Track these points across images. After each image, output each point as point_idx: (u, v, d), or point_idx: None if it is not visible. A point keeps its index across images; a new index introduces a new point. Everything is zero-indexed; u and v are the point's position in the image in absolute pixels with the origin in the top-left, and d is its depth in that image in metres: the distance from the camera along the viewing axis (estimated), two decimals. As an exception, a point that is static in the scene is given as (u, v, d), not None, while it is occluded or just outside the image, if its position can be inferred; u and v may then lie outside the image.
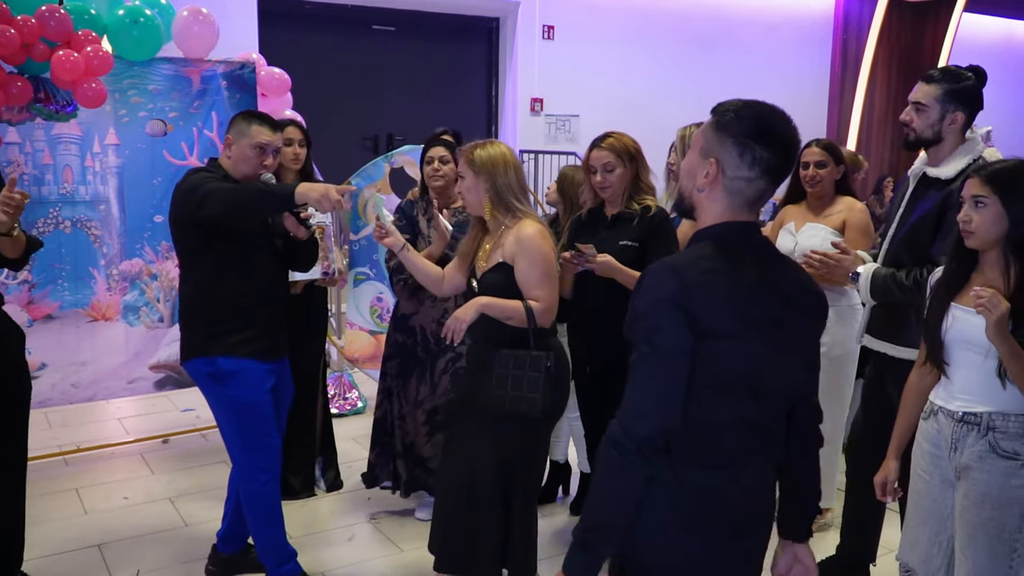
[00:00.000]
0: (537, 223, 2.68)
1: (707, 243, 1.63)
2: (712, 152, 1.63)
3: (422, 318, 3.57)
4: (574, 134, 8.64)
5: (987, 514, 2.14)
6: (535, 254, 2.62)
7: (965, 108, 2.72)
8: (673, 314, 1.54)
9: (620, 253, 3.05)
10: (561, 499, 4.01)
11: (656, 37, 8.88)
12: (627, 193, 3.15)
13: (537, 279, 2.63)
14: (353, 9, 7.70)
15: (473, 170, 2.66)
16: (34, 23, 3.64)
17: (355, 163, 5.86)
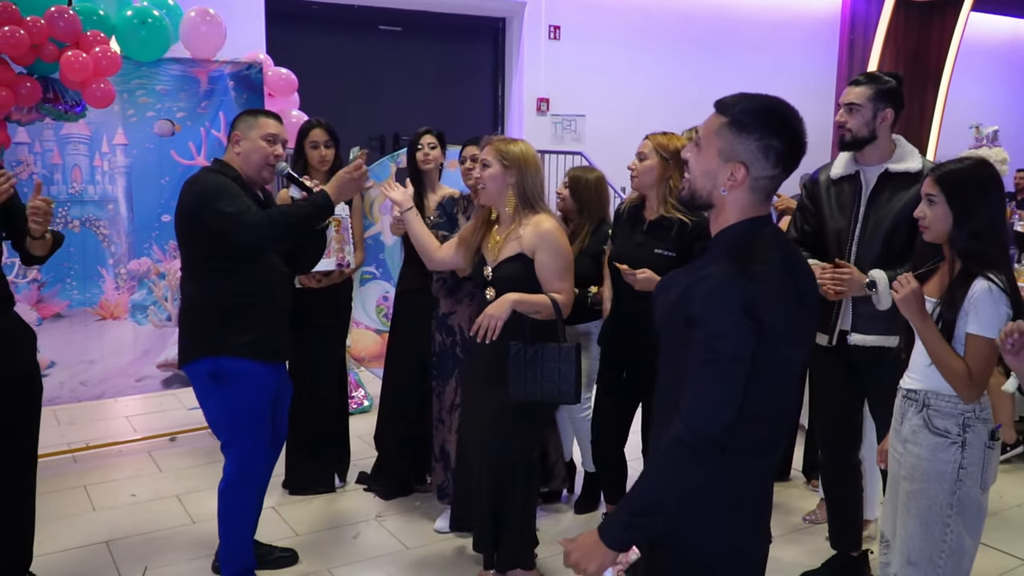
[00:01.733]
0: (554, 219, 2.82)
1: (751, 243, 1.67)
2: (735, 155, 1.66)
3: (460, 316, 3.52)
4: (580, 134, 8.65)
5: (918, 486, 2.31)
6: (557, 248, 2.78)
7: (893, 105, 2.89)
8: (739, 319, 1.58)
9: (655, 262, 3.06)
10: (566, 498, 4.02)
11: (662, 37, 8.88)
12: (662, 195, 3.13)
13: (559, 272, 2.79)
14: (359, 10, 7.72)
15: (503, 163, 2.79)
16: (43, 24, 3.67)
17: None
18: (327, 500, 3.99)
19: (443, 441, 3.61)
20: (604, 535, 1.69)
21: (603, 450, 3.46)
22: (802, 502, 3.99)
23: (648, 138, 3.20)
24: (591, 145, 8.31)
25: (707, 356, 1.60)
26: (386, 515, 3.82)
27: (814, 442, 4.02)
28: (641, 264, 3.07)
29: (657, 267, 3.04)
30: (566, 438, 3.99)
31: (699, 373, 1.61)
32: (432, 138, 3.88)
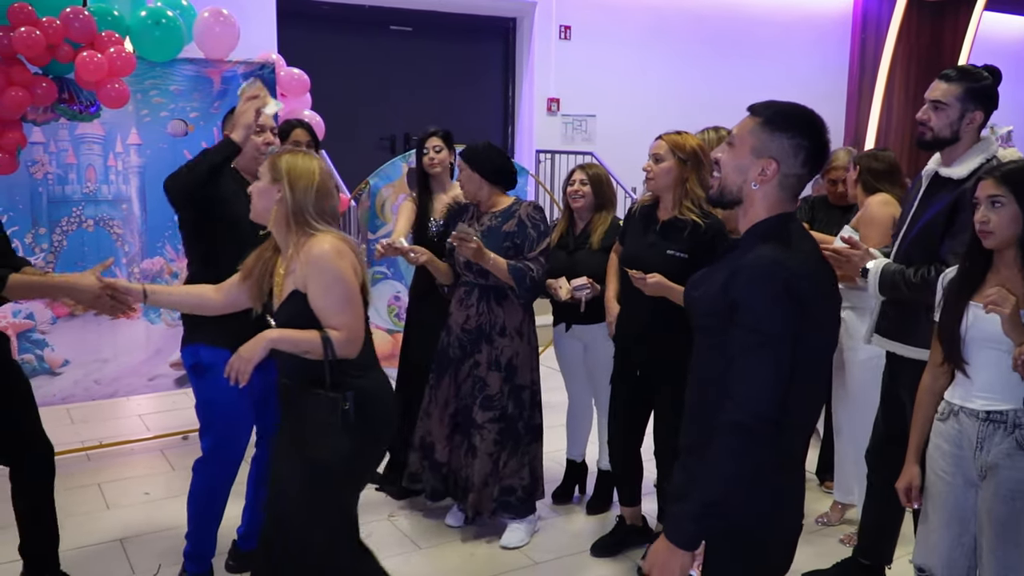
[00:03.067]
0: (334, 239, 2.32)
1: (785, 235, 1.77)
2: (767, 152, 1.77)
3: (454, 319, 3.55)
4: (590, 134, 8.65)
5: (1019, 507, 2.14)
6: (329, 275, 2.26)
7: (983, 107, 2.71)
8: (786, 303, 1.68)
9: (666, 263, 3.03)
10: (577, 499, 4.02)
11: (672, 37, 8.87)
12: (677, 196, 3.10)
13: (334, 305, 2.27)
14: (370, 10, 7.74)
15: (272, 175, 2.37)
16: (59, 24, 3.68)
17: (373, 163, 5.90)
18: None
19: (425, 432, 3.63)
20: (674, 537, 1.72)
21: (618, 449, 3.44)
22: (815, 504, 3.97)
23: (663, 139, 3.16)
24: (601, 145, 8.31)
25: (755, 339, 1.68)
26: (398, 515, 3.83)
27: (829, 444, 4.00)
28: (652, 265, 3.04)
29: (669, 268, 3.02)
30: (579, 437, 3.99)
31: (748, 355, 1.69)
32: (438, 140, 3.88)
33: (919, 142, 2.80)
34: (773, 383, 1.68)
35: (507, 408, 3.50)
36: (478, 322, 3.47)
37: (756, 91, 8.80)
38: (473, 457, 3.50)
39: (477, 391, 3.48)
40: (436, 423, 3.59)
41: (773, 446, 1.70)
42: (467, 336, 3.49)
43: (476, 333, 3.47)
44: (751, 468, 1.68)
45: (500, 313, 3.47)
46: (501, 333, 3.47)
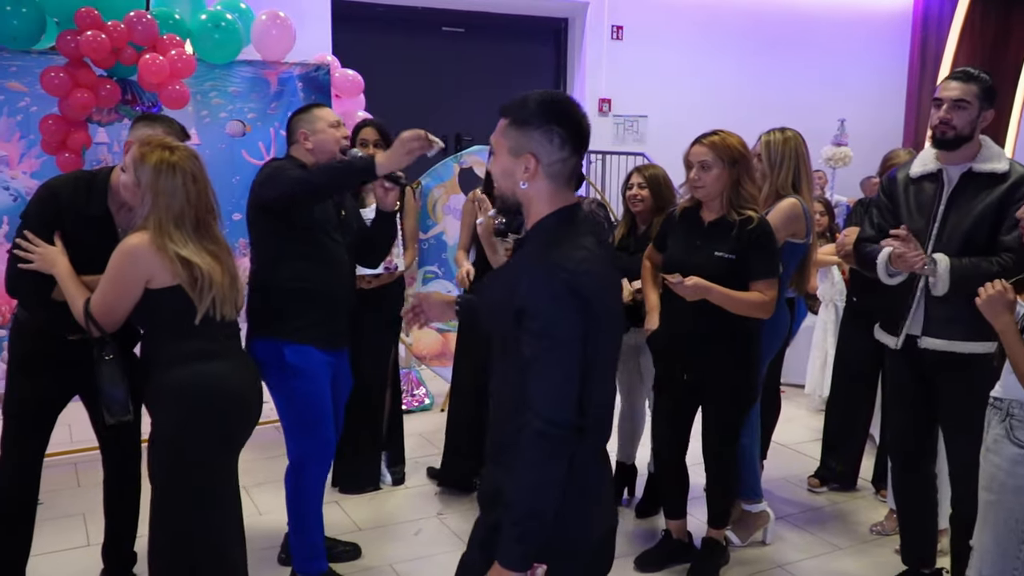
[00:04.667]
0: (140, 239, 2.40)
1: (566, 231, 1.75)
2: (524, 149, 1.75)
3: None
4: (642, 135, 8.60)
5: (995, 498, 2.26)
6: (113, 268, 2.41)
7: (992, 107, 2.83)
8: (569, 304, 1.65)
9: (714, 265, 2.99)
10: (626, 501, 4.01)
11: (727, 36, 8.77)
12: (726, 198, 3.04)
13: (103, 286, 2.44)
14: (423, 11, 7.79)
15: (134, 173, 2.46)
16: (123, 28, 3.78)
17: (425, 163, 5.94)
18: (389, 496, 4.04)
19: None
20: (503, 560, 1.67)
21: (662, 460, 3.38)
22: (870, 512, 3.91)
23: (703, 144, 3.06)
24: (653, 146, 8.25)
25: (544, 344, 1.65)
26: (447, 513, 3.85)
27: (884, 452, 3.93)
28: (700, 267, 3.00)
29: (717, 270, 2.98)
30: (630, 439, 3.97)
31: (539, 363, 1.65)
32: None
33: (940, 141, 2.83)
34: (567, 388, 1.65)
35: None
36: None
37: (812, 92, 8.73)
38: None
39: None
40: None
41: (576, 449, 1.67)
42: None
43: None
44: (556, 475, 1.65)
45: None
46: None
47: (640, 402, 3.91)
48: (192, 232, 2.43)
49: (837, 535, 3.71)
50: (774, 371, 3.97)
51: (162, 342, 2.48)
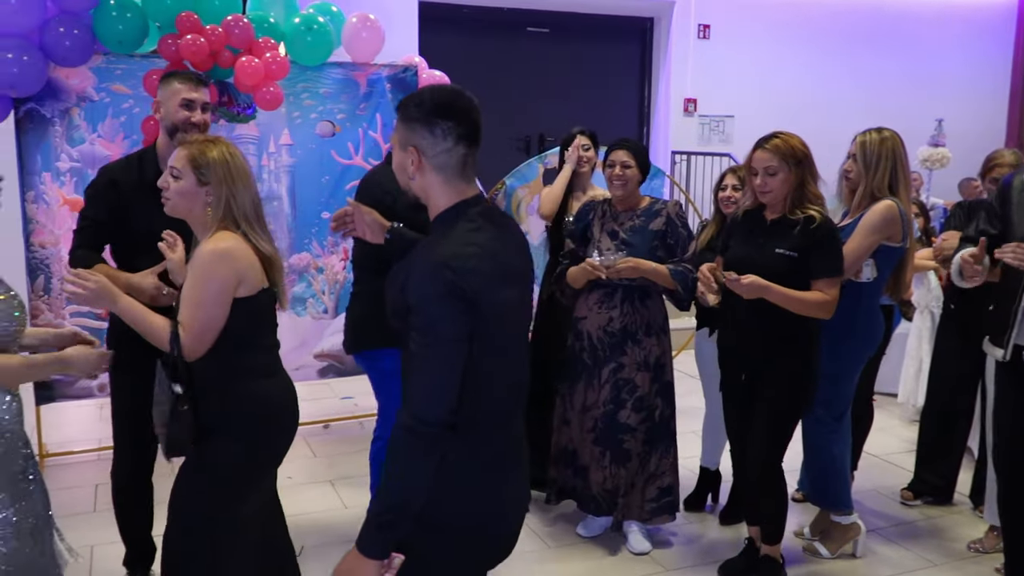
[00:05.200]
0: (231, 237, 2.24)
1: (459, 227, 1.75)
2: (408, 142, 1.77)
3: (589, 323, 3.48)
4: (728, 135, 8.47)
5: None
6: (201, 274, 2.20)
7: None
8: (452, 304, 1.65)
9: (776, 262, 2.95)
10: (710, 507, 3.95)
11: (817, 33, 8.57)
12: (790, 200, 3.01)
13: (192, 304, 2.19)
14: (508, 12, 7.83)
15: (196, 174, 2.26)
16: (221, 32, 3.90)
17: (508, 164, 5.97)
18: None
19: (567, 441, 3.59)
20: (361, 547, 1.69)
21: (739, 463, 3.31)
22: (967, 528, 3.76)
23: (766, 149, 2.99)
24: (740, 146, 8.07)
25: (424, 341, 1.66)
26: (528, 513, 3.84)
27: (983, 466, 3.77)
28: (761, 265, 2.95)
29: (778, 268, 2.94)
30: (715, 445, 3.91)
31: (418, 359, 1.67)
32: (586, 139, 3.95)
33: None
34: (441, 387, 1.66)
35: (657, 406, 3.47)
36: (623, 323, 3.42)
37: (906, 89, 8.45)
38: (626, 462, 3.45)
39: (626, 394, 3.43)
40: (577, 430, 3.55)
41: (460, 442, 1.69)
42: (609, 339, 3.44)
43: (621, 335, 3.43)
44: (422, 471, 1.66)
45: (645, 312, 3.45)
46: (647, 332, 3.44)
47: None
48: (259, 224, 2.32)
49: (932, 551, 3.58)
50: (867, 379, 3.86)
51: (228, 358, 2.26)
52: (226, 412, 2.26)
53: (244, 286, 2.22)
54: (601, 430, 3.46)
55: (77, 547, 2.45)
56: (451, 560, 1.79)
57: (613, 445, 3.45)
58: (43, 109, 4.03)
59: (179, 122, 2.88)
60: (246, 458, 2.29)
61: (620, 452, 3.44)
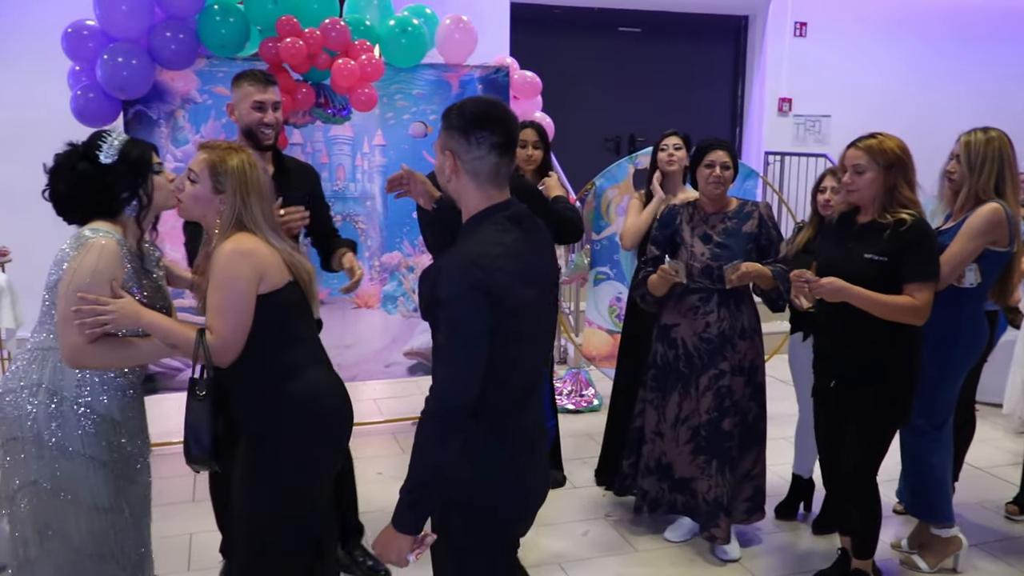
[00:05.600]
0: (246, 239, 2.21)
1: (487, 228, 1.90)
2: (447, 146, 1.93)
3: (683, 331, 3.42)
4: (824, 135, 8.25)
5: None
6: (221, 275, 2.16)
7: None
8: (478, 301, 1.79)
9: (865, 267, 2.87)
10: (802, 516, 3.85)
11: (921, 28, 8.27)
12: (880, 202, 2.92)
13: (217, 307, 2.17)
14: (600, 12, 7.80)
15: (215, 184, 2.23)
16: (319, 35, 3.99)
17: (598, 164, 5.95)
18: (557, 495, 4.06)
19: (660, 454, 3.52)
20: (395, 523, 1.87)
21: (829, 470, 3.23)
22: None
23: (858, 147, 2.92)
24: (836, 147, 7.83)
25: (450, 333, 1.82)
26: (615, 514, 3.83)
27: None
28: (850, 270, 2.88)
29: (867, 273, 2.85)
30: (808, 452, 3.81)
31: (444, 351, 1.83)
32: (678, 139, 3.90)
33: None
34: (464, 376, 1.81)
35: (750, 409, 3.42)
36: (720, 329, 3.36)
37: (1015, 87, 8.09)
38: (733, 468, 3.40)
39: (728, 401, 3.37)
40: (671, 443, 3.49)
41: (470, 429, 1.84)
42: (706, 345, 3.37)
43: (718, 341, 3.36)
44: (446, 452, 1.82)
45: (740, 316, 3.39)
46: (742, 336, 3.39)
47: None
48: (279, 237, 2.30)
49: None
50: (969, 388, 3.71)
51: (268, 355, 2.25)
52: (272, 411, 2.26)
53: (266, 282, 2.21)
54: (705, 438, 3.39)
55: (177, 535, 2.54)
56: (479, 536, 1.96)
57: (720, 454, 3.38)
58: (150, 111, 4.20)
59: (252, 124, 2.93)
60: (300, 454, 2.28)
61: (727, 459, 3.38)
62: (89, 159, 2.28)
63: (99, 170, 2.27)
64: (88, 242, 2.21)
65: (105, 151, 2.28)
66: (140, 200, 2.31)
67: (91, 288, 2.15)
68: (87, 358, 2.18)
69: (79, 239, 2.24)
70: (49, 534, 2.24)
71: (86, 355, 2.17)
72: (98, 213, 2.31)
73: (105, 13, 3.85)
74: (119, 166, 2.28)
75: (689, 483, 3.47)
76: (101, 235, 2.23)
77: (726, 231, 3.38)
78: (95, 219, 2.30)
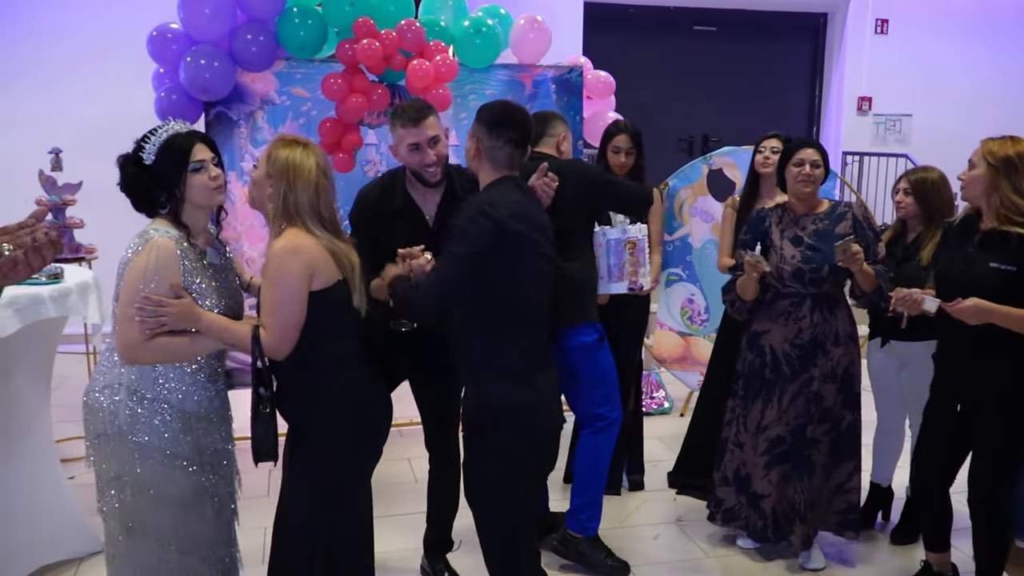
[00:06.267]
0: (300, 235, 2.28)
1: (497, 186, 2.49)
2: (475, 134, 2.52)
3: (773, 337, 3.31)
4: (905, 135, 8.03)
5: None
6: (274, 273, 2.25)
7: None
8: (479, 222, 2.38)
9: (989, 276, 2.73)
10: (880, 525, 3.75)
11: (1005, 27, 7.99)
12: (994, 205, 2.77)
13: (269, 304, 2.25)
14: (675, 11, 7.72)
15: (268, 168, 2.33)
16: (394, 36, 4.03)
17: (671, 164, 5.88)
18: (630, 498, 4.03)
19: (739, 464, 3.43)
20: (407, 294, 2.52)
21: (925, 490, 3.09)
22: None
23: (981, 144, 2.84)
24: (918, 147, 7.67)
25: (450, 248, 2.38)
26: (686, 520, 3.78)
27: None
28: (972, 280, 2.74)
29: (991, 283, 2.70)
30: (887, 460, 3.70)
31: (444, 258, 2.40)
32: (777, 142, 3.81)
33: None
34: (448, 280, 2.39)
35: (844, 417, 3.29)
36: (812, 334, 3.24)
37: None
38: (811, 475, 3.28)
39: (814, 407, 3.26)
40: (751, 453, 3.39)
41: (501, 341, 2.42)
42: (797, 352, 3.25)
43: (810, 346, 3.24)
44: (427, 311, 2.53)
45: (834, 321, 3.26)
46: (835, 342, 3.25)
47: (898, 420, 3.64)
48: (323, 228, 2.33)
49: None
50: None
51: (314, 349, 2.32)
52: (316, 408, 2.35)
53: (318, 279, 2.28)
54: (791, 444, 3.29)
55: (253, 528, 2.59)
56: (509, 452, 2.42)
57: (798, 461, 3.28)
58: (230, 112, 4.30)
59: (415, 166, 2.83)
60: (344, 450, 2.38)
61: (807, 465, 3.27)
62: (135, 161, 2.31)
63: (143, 171, 2.30)
64: (147, 243, 2.25)
65: (148, 152, 2.30)
66: (173, 199, 2.31)
67: (149, 288, 2.20)
68: (142, 353, 2.23)
69: (140, 239, 2.28)
70: (133, 528, 2.30)
71: (140, 351, 2.22)
72: (153, 210, 2.35)
73: (189, 16, 3.96)
74: (159, 166, 2.30)
75: (760, 500, 3.37)
76: (159, 234, 2.27)
77: (817, 233, 3.25)
78: (157, 216, 2.35)
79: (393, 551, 3.41)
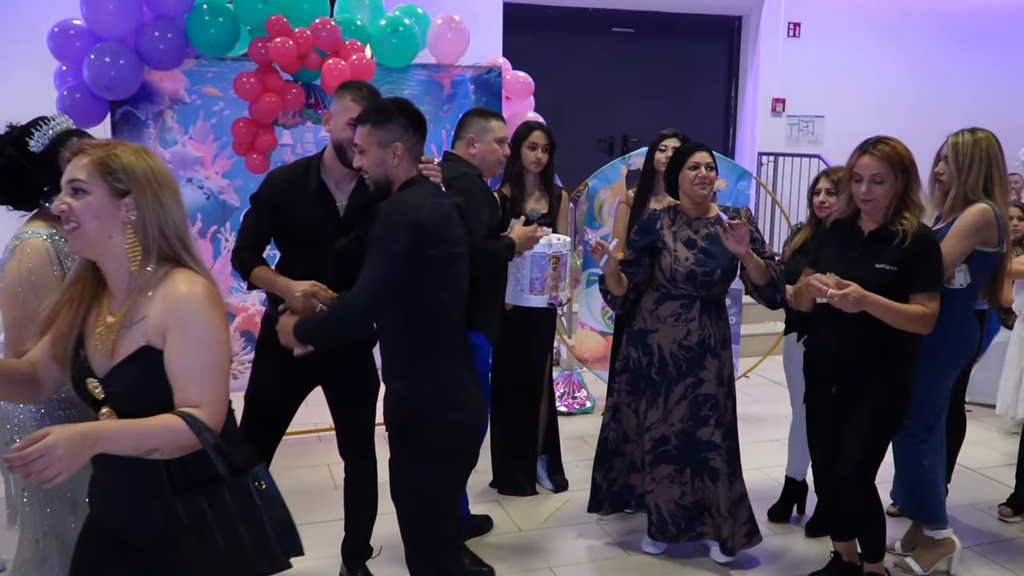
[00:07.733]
0: (189, 276, 1.71)
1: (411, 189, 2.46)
2: (391, 139, 2.44)
3: (662, 337, 3.32)
4: (818, 136, 8.25)
5: None
6: (199, 327, 1.68)
7: None
8: (401, 229, 2.33)
9: (875, 277, 2.82)
10: (795, 519, 3.84)
11: (916, 31, 8.28)
12: (891, 209, 2.86)
13: (202, 367, 1.67)
14: (593, 12, 7.77)
15: (108, 182, 1.67)
16: (309, 35, 3.96)
17: (591, 165, 5.92)
18: (549, 499, 4.05)
19: (631, 460, 3.53)
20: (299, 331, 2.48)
21: (823, 477, 3.17)
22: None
23: (874, 156, 2.84)
24: (830, 147, 7.88)
25: (375, 251, 2.35)
26: (606, 519, 3.80)
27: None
28: (859, 281, 2.77)
29: (878, 285, 2.78)
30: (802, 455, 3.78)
31: (368, 262, 2.36)
32: (677, 141, 3.86)
33: None
34: (376, 284, 2.34)
35: (733, 423, 3.37)
36: (700, 336, 3.29)
37: (1007, 87, 8.08)
38: (715, 479, 3.31)
39: (708, 410, 3.30)
40: (636, 448, 3.45)
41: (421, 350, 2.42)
42: (685, 353, 3.29)
43: (699, 348, 3.29)
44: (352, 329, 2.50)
45: (721, 324, 3.34)
46: (723, 345, 3.34)
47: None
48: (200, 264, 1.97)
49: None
50: (960, 388, 3.69)
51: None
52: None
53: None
54: (677, 447, 3.32)
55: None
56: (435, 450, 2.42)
57: (695, 463, 3.32)
58: (138, 112, 4.16)
59: (344, 141, 2.77)
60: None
61: (707, 469, 3.31)
62: (18, 146, 2.16)
63: (25, 158, 2.15)
64: (17, 247, 2.10)
65: (37, 138, 2.16)
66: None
67: (25, 294, 1.95)
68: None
69: (13, 241, 2.14)
70: (46, 534, 2.22)
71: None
72: (19, 203, 2.20)
73: (92, 12, 3.82)
74: (47, 156, 2.14)
75: (643, 497, 3.42)
76: (29, 235, 2.11)
77: (710, 236, 3.29)
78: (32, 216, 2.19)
79: (310, 560, 3.34)
